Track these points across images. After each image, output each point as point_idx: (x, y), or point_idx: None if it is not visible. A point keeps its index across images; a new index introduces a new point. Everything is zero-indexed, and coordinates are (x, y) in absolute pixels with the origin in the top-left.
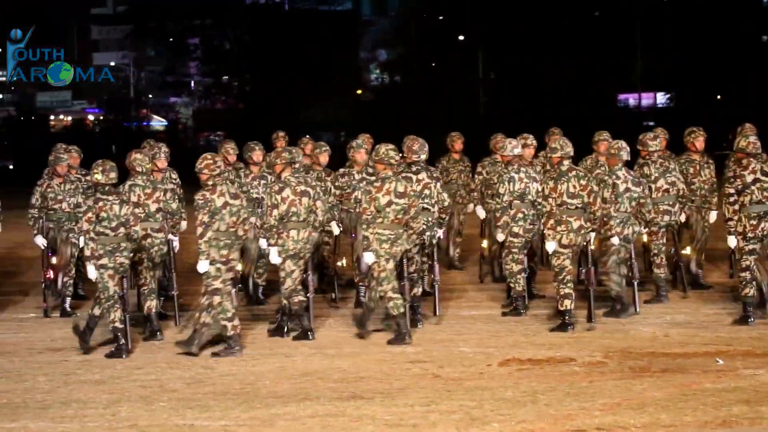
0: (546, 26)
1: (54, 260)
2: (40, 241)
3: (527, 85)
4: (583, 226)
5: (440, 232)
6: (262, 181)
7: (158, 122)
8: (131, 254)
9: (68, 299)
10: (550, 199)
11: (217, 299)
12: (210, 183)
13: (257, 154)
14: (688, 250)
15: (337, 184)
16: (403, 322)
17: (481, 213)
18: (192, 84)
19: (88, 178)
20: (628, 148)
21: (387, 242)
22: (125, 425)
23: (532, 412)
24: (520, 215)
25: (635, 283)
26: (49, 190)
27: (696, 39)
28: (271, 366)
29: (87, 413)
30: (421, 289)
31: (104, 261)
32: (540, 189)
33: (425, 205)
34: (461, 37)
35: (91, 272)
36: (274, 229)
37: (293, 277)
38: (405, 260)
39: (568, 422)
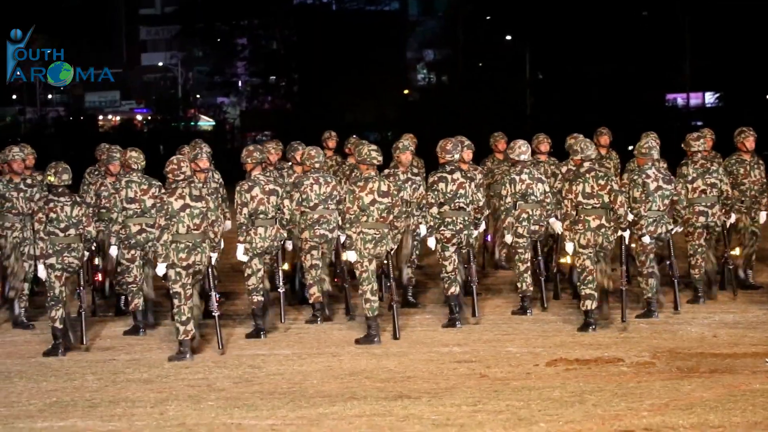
0: (593, 26)
1: (98, 262)
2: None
3: (574, 86)
4: (603, 225)
5: (476, 233)
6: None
7: (206, 122)
8: (83, 254)
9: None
10: (566, 201)
11: (176, 302)
12: (172, 186)
13: (300, 154)
14: (737, 251)
15: None
16: (374, 324)
17: None
18: (239, 84)
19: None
20: (658, 147)
21: (371, 242)
22: (173, 424)
23: (579, 413)
24: (525, 215)
25: (675, 282)
26: (102, 188)
27: (745, 38)
28: (318, 365)
29: (135, 412)
30: (457, 288)
31: (52, 261)
32: (547, 189)
33: (461, 205)
34: (508, 37)
35: (41, 271)
36: (243, 227)
37: (258, 276)
38: (389, 260)
39: (615, 423)
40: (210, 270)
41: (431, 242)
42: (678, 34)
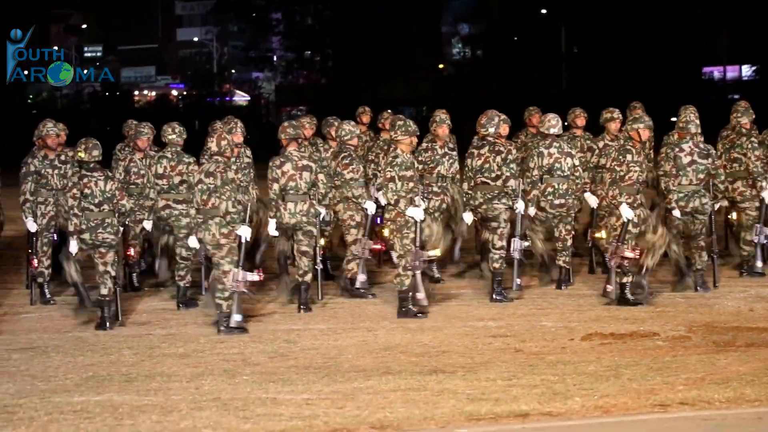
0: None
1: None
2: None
3: (610, 59)
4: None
5: (520, 205)
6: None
7: (241, 97)
8: (118, 228)
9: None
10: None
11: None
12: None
13: (335, 129)
14: None
15: (420, 159)
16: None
17: None
18: (274, 59)
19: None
20: (697, 121)
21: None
22: (208, 398)
23: (614, 387)
24: (550, 189)
25: (714, 258)
26: (132, 164)
27: None
28: (353, 340)
29: (171, 386)
30: (500, 263)
31: (85, 236)
32: (577, 164)
33: (483, 180)
34: (544, 11)
35: (73, 247)
36: (273, 203)
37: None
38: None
39: (651, 397)
40: (242, 245)
41: (467, 217)
42: (714, 6)
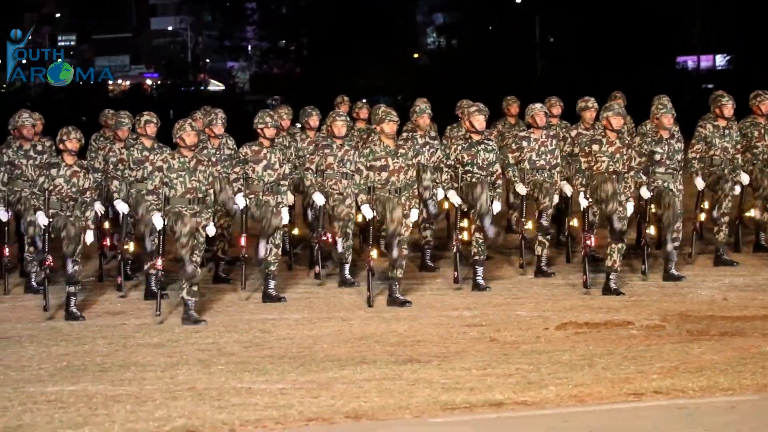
0: None
1: (107, 224)
2: (99, 207)
3: (584, 49)
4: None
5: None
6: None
7: (215, 87)
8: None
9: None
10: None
11: None
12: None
13: (314, 119)
14: (752, 213)
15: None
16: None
17: None
18: (249, 48)
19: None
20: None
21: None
22: (183, 388)
23: (589, 376)
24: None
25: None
26: (111, 154)
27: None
28: (328, 330)
29: (145, 376)
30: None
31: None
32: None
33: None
34: (518, 0)
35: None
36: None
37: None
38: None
39: (625, 386)
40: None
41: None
42: None
